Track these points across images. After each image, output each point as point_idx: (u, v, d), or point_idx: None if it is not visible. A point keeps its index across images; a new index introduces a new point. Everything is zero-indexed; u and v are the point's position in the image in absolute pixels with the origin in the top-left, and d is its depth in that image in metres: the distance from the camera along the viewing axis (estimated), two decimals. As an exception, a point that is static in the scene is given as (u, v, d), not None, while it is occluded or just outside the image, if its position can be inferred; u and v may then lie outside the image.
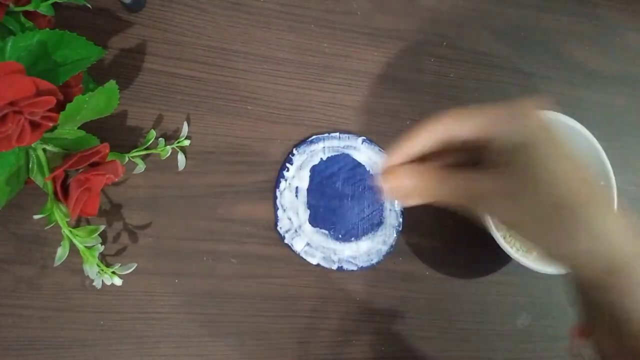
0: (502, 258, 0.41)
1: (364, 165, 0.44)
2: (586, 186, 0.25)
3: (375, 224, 0.43)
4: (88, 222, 0.39)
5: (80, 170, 0.34)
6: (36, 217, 0.34)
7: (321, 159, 0.43)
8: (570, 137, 0.43)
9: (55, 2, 0.35)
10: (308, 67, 0.45)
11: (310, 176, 0.42)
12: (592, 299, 0.26)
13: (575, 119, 0.42)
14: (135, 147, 0.40)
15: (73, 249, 0.35)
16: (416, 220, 0.44)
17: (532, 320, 0.45)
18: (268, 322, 0.40)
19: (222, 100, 0.43)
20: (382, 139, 0.45)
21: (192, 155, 0.41)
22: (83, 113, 0.33)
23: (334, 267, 0.41)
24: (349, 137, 0.43)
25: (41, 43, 0.32)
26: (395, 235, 0.43)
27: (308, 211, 0.42)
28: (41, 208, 0.34)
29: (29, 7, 0.34)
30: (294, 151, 0.42)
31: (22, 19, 0.34)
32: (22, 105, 0.28)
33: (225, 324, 0.40)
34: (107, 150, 0.35)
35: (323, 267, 0.41)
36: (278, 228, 0.41)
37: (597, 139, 0.42)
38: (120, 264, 0.37)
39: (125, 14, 0.42)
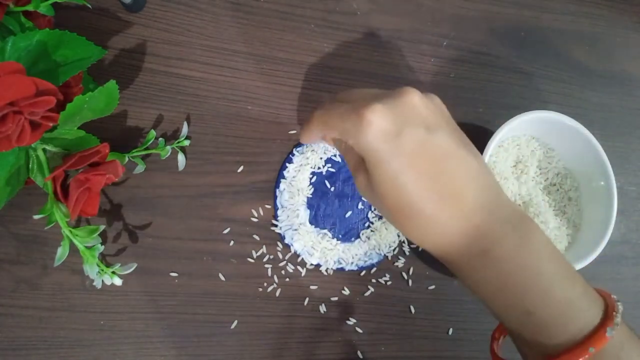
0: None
1: (364, 165, 0.43)
2: (403, 201, 0.27)
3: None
4: (88, 222, 0.39)
5: (80, 170, 0.34)
6: (36, 217, 0.34)
7: (321, 158, 0.43)
8: (570, 137, 0.43)
9: (55, 2, 0.35)
10: (308, 67, 0.45)
11: (310, 176, 0.42)
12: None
13: (575, 119, 0.42)
14: (135, 147, 0.40)
15: (73, 249, 0.35)
16: (416, 220, 0.44)
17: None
18: (268, 322, 0.40)
19: (222, 100, 0.43)
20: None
21: (192, 155, 0.41)
22: (83, 113, 0.33)
23: (334, 267, 0.41)
24: (349, 137, 0.43)
25: (41, 43, 0.32)
26: (395, 235, 0.43)
27: (308, 211, 0.42)
28: (41, 208, 0.34)
29: (29, 7, 0.34)
30: (294, 151, 0.42)
31: (22, 19, 0.34)
32: (22, 105, 0.28)
33: (225, 324, 0.40)
34: (107, 150, 0.35)
35: (323, 267, 0.41)
36: (278, 228, 0.41)
37: (597, 139, 0.42)
38: (120, 264, 0.37)
39: (125, 14, 0.42)
